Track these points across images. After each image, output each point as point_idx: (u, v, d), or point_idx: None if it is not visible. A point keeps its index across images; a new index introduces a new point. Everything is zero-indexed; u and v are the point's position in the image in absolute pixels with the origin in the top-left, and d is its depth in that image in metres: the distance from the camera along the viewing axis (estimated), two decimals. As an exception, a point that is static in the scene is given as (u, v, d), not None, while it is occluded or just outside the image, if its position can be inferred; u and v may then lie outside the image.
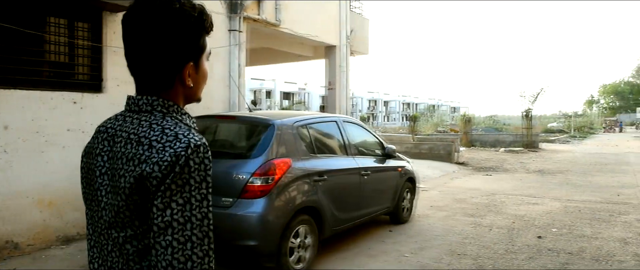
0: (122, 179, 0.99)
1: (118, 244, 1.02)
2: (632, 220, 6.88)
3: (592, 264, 4.86)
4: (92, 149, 1.11)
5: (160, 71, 1.07)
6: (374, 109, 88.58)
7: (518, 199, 8.64)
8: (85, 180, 1.13)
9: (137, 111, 1.07)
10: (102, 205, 1.04)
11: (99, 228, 1.07)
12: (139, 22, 1.04)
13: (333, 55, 10.28)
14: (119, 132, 1.06)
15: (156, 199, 0.94)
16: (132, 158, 0.99)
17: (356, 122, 6.24)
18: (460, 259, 5.05)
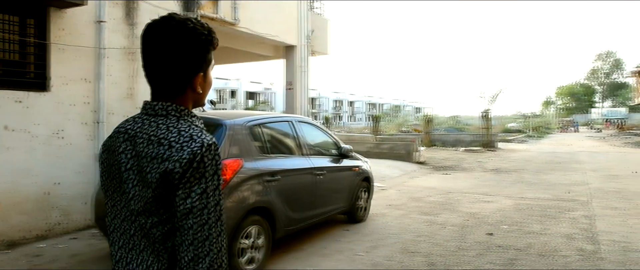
0: (148, 175, 1.16)
1: (145, 229, 1.19)
2: (579, 216, 7.15)
3: (537, 259, 5.01)
4: (113, 147, 1.27)
5: (175, 80, 1.23)
6: (339, 109, 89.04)
7: (473, 197, 8.85)
8: (105, 174, 1.29)
9: (153, 115, 1.24)
10: (131, 196, 1.20)
11: (122, 215, 1.24)
12: (158, 39, 1.21)
13: (292, 55, 10.27)
14: (139, 133, 1.22)
15: (178, 189, 1.14)
16: (155, 157, 1.16)
17: (311, 122, 6.24)
18: (413, 256, 5.12)
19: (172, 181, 1.14)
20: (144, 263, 1.21)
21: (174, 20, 1.21)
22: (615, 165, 14.98)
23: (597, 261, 4.93)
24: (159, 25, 1.21)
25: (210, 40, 1.25)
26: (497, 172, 13.08)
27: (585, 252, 5.23)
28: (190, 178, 1.13)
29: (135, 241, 1.23)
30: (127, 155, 1.23)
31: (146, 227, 1.19)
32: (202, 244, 1.14)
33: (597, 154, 20.60)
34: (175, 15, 1.24)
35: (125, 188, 1.22)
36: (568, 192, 9.42)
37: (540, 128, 49.92)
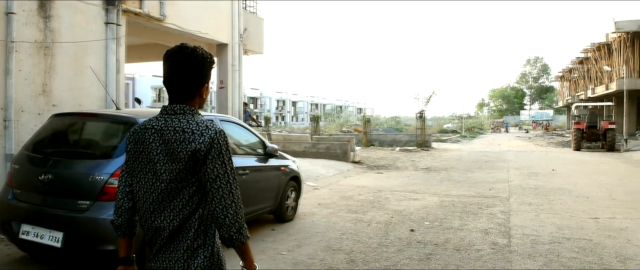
0: (180, 154, 1.69)
1: (177, 191, 1.72)
2: (497, 212, 7.52)
3: (453, 253, 5.22)
4: (141, 139, 1.78)
5: (189, 90, 1.78)
6: (282, 109, 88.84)
7: (401, 195, 9.10)
8: (133, 158, 1.81)
9: (173, 114, 1.76)
10: (162, 171, 1.72)
11: (150, 185, 1.76)
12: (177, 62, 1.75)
13: (225, 54, 10.10)
14: (165, 127, 1.73)
15: (206, 163, 1.69)
16: (183, 141, 1.69)
17: (236, 121, 6.15)
18: (335, 254, 5.17)
19: (198, 157, 1.69)
20: (167, 218, 1.75)
21: (188, 49, 1.77)
22: (536, 164, 15.91)
23: (507, 254, 5.20)
24: (177, 53, 1.77)
25: (212, 63, 1.85)
26: (427, 171, 13.53)
27: (498, 246, 5.51)
28: (213, 154, 1.69)
29: (159, 202, 1.75)
30: (156, 143, 1.74)
31: (177, 189, 1.72)
32: (228, 197, 1.72)
33: (522, 153, 21.82)
34: (186, 45, 1.79)
35: (157, 167, 1.73)
36: (490, 189, 9.90)
37: (474, 129, 52.28)
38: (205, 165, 1.69)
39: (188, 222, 1.75)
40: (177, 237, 1.76)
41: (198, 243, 1.77)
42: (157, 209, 1.77)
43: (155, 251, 1.81)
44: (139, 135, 1.80)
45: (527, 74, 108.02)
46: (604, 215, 7.30)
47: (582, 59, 43.02)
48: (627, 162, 17.23)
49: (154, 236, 1.81)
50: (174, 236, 1.76)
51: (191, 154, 1.68)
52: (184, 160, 1.69)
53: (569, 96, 52.69)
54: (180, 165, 1.70)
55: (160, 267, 1.79)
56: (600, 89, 35.57)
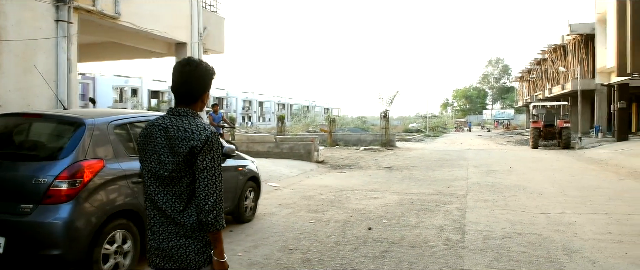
0: (180, 148, 2.00)
1: (179, 182, 2.03)
2: (453, 209, 7.69)
3: (407, 250, 5.30)
4: (150, 132, 2.10)
5: (193, 96, 2.10)
6: (248, 109, 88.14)
7: (362, 194, 9.17)
8: (143, 150, 2.13)
9: (177, 115, 2.08)
10: (166, 162, 2.03)
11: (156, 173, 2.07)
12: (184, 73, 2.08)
13: (184, 53, 9.95)
14: (170, 126, 2.05)
15: (198, 157, 1.98)
16: (184, 138, 2.00)
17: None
18: (291, 254, 5.17)
19: (195, 152, 2.00)
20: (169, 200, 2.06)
21: (195, 62, 2.12)
22: (495, 162, 16.35)
23: (459, 250, 5.32)
24: (185, 65, 2.10)
25: (213, 74, 2.17)
26: (389, 170, 13.69)
27: (451, 242, 5.63)
28: (205, 150, 2.00)
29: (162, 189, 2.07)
30: (161, 139, 2.07)
31: (178, 177, 2.04)
32: (211, 186, 1.99)
33: (482, 151, 22.37)
34: (193, 58, 2.15)
35: (162, 158, 2.06)
36: (449, 187, 10.10)
37: (438, 128, 53.25)
38: (201, 161, 2.02)
39: (187, 208, 2.07)
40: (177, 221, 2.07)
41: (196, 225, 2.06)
42: (160, 192, 2.10)
43: (157, 233, 2.11)
44: (148, 130, 2.16)
45: (488, 74, 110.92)
46: (555, 210, 7.56)
47: (539, 60, 44.52)
48: (580, 159, 17.92)
49: (155, 217, 2.13)
50: (173, 220, 2.07)
51: (190, 149, 2.02)
52: (183, 154, 2.03)
53: (528, 96, 54.40)
54: (180, 158, 2.03)
55: (165, 247, 2.09)
56: (556, 89, 36.88)
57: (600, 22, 26.12)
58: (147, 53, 11.51)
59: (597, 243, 5.58)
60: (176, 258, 2.06)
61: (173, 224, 2.06)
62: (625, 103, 24.95)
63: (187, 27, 9.89)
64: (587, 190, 9.76)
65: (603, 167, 14.89)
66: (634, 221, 6.73)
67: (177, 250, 2.05)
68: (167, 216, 2.07)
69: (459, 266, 4.75)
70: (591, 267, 4.73)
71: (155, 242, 2.10)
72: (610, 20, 22.39)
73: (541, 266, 4.74)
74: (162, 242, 2.08)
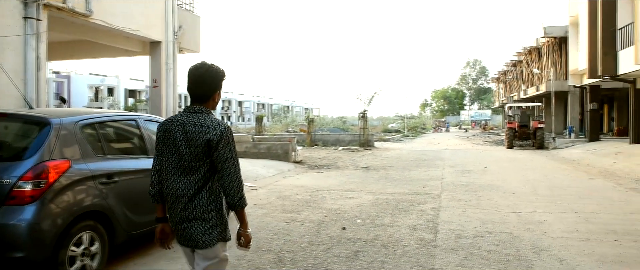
0: (197, 141, 2.37)
1: (197, 170, 2.42)
2: (428, 208, 7.76)
3: (380, 249, 5.33)
4: (169, 127, 2.48)
5: (206, 95, 2.47)
6: (228, 109, 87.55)
7: (338, 194, 9.19)
8: (162, 143, 2.53)
9: (193, 112, 2.46)
10: (183, 153, 2.42)
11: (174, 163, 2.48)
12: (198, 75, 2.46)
13: (158, 52, 9.83)
14: (187, 122, 2.43)
15: (218, 149, 2.38)
16: (200, 132, 2.37)
17: (161, 120, 5.98)
18: (263, 254, 5.15)
19: (211, 145, 2.38)
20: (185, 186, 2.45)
21: (207, 65, 2.49)
22: (470, 162, 16.57)
23: (431, 249, 5.37)
24: (199, 68, 2.49)
25: (223, 75, 2.55)
26: (366, 170, 13.76)
27: (423, 241, 5.68)
28: (222, 142, 2.39)
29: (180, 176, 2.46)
30: (179, 133, 2.44)
31: (196, 166, 2.41)
32: (234, 174, 2.45)
33: (458, 151, 22.66)
34: (206, 62, 2.49)
35: (180, 150, 2.42)
36: (424, 187, 10.20)
37: (416, 128, 53.71)
38: (217, 151, 2.41)
39: (201, 192, 2.46)
40: (193, 204, 2.48)
41: (210, 207, 2.49)
42: (179, 181, 2.49)
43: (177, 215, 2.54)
44: (167, 126, 2.53)
45: (466, 75, 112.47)
46: (526, 209, 7.70)
47: (515, 61, 45.32)
48: (553, 159, 18.30)
49: (175, 202, 2.53)
50: (189, 203, 2.48)
51: (206, 142, 2.40)
52: (201, 146, 2.40)
53: (504, 97, 55.33)
54: (197, 150, 2.41)
55: (183, 227, 2.52)
56: (531, 90, 37.60)
57: (573, 25, 26.74)
58: (121, 51, 11.32)
59: (565, 241, 5.70)
60: (188, 237, 2.53)
61: (183, 209, 2.50)
62: (596, 104, 25.57)
63: (161, 25, 9.76)
64: (558, 189, 9.96)
65: (575, 167, 15.24)
66: (602, 220, 6.89)
67: (187, 231, 2.51)
68: (181, 201, 2.50)
69: (430, 265, 4.80)
70: (558, 265, 4.83)
71: (173, 223, 2.61)
72: (582, 23, 22.94)
73: (510, 264, 4.82)
74: (177, 224, 2.57)
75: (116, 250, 4.75)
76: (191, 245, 2.54)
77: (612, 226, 6.44)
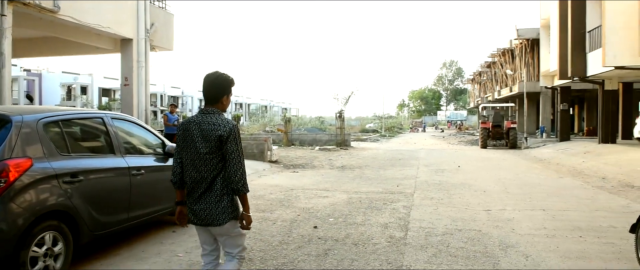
0: (211, 137, 2.88)
1: (211, 161, 2.91)
2: (400, 207, 7.83)
3: (350, 248, 5.35)
4: (188, 127, 2.98)
5: (216, 98, 2.99)
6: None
7: (312, 193, 9.20)
8: (182, 139, 3.01)
9: (207, 113, 2.96)
10: (199, 147, 2.91)
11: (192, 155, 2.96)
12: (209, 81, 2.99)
13: (130, 49, 9.66)
14: (202, 121, 2.93)
15: (226, 143, 2.89)
16: (213, 129, 2.89)
17: (131, 119, 5.88)
18: (233, 254, 5.11)
19: (222, 140, 2.87)
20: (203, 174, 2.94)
21: (217, 73, 3.02)
22: (444, 161, 16.79)
23: (401, 246, 5.42)
24: (210, 75, 3.02)
25: (232, 82, 3.06)
26: (342, 169, 13.80)
27: (394, 239, 5.73)
28: (230, 138, 2.88)
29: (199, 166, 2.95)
30: (196, 131, 2.93)
31: (210, 158, 2.90)
32: (237, 164, 2.91)
33: (434, 151, 22.92)
34: (217, 71, 3.03)
35: (197, 145, 2.92)
36: (398, 186, 10.28)
37: (394, 128, 54.17)
38: (226, 145, 2.92)
39: (216, 179, 2.97)
40: (210, 190, 2.97)
41: (223, 192, 2.97)
42: (197, 170, 2.99)
43: (196, 197, 3.02)
44: (186, 125, 3.05)
45: (443, 76, 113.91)
46: (496, 207, 7.83)
47: (489, 63, 46.07)
48: (525, 158, 18.67)
49: (194, 187, 3.03)
50: (208, 189, 2.98)
51: (218, 137, 2.92)
52: (214, 140, 2.92)
53: (479, 98, 56.20)
54: (211, 144, 2.93)
55: (201, 208, 2.99)
56: (505, 91, 38.29)
57: (545, 27, 27.33)
58: (92, 49, 11.08)
59: (532, 238, 5.82)
60: (204, 218, 2.99)
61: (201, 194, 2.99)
62: (567, 105, 26.20)
63: (133, 23, 9.60)
64: (528, 187, 10.17)
65: (545, 166, 15.58)
66: (568, 217, 7.06)
67: (203, 212, 2.98)
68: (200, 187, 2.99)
69: (399, 262, 4.84)
70: (524, 261, 4.92)
71: (190, 204, 3.05)
72: (553, 25, 23.48)
73: (477, 261, 4.89)
74: (194, 204, 3.03)
75: (82, 250, 4.66)
76: (206, 224, 3.01)
77: (577, 223, 6.61)
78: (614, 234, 6.02)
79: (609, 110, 20.92)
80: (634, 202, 8.36)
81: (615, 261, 4.90)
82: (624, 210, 7.64)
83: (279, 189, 9.72)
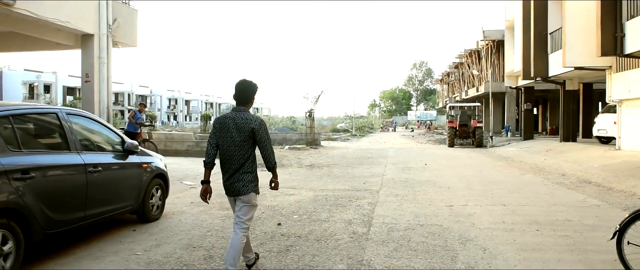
0: (245, 129, 3.95)
1: (244, 147, 3.98)
2: (365, 203, 7.89)
3: (312, 244, 5.36)
4: (224, 121, 4.03)
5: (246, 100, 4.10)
6: (174, 107, 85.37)
7: (278, 191, 9.15)
8: (219, 131, 4.05)
9: (239, 111, 4.03)
10: (235, 137, 3.97)
11: (229, 143, 4.00)
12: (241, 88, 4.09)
13: (91, 45, 9.40)
14: (236, 117, 3.99)
15: (259, 134, 4.00)
16: (246, 123, 3.96)
17: (88, 115, 5.74)
18: (194, 251, 5.05)
19: (254, 131, 3.93)
20: (237, 157, 3.99)
21: (247, 82, 4.10)
22: (412, 159, 17.01)
23: (363, 241, 5.46)
24: (240, 83, 4.08)
25: (257, 87, 4.16)
26: (310, 168, 13.81)
27: (356, 235, 5.77)
28: (261, 130, 3.96)
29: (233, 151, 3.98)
30: (231, 125, 3.95)
31: (243, 145, 3.95)
32: (269, 149, 4.09)
33: (402, 150, 23.19)
34: (246, 79, 4.12)
35: (232, 135, 3.94)
36: (364, 183, 10.36)
37: (364, 128, 54.53)
38: (258, 135, 3.95)
39: (247, 161, 4.00)
40: (240, 168, 4.00)
41: (249, 170, 4.04)
42: (232, 154, 3.98)
43: (228, 176, 4.04)
44: (222, 120, 4.02)
45: (413, 77, 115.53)
46: (458, 203, 7.98)
47: (457, 63, 46.92)
48: (490, 156, 19.10)
49: (228, 167, 4.04)
50: (239, 168, 3.99)
51: (251, 129, 3.89)
52: (247, 132, 3.89)
53: (447, 98, 57.17)
54: (245, 134, 3.90)
55: (231, 182, 4.04)
56: (472, 91, 39.07)
57: (509, 29, 28.03)
58: (52, 45, 10.75)
59: (490, 232, 5.95)
60: (234, 189, 4.05)
61: (234, 171, 4.03)
62: (531, 105, 26.93)
63: (94, 18, 9.35)
64: (491, 184, 10.40)
65: (509, 163, 15.98)
66: (527, 211, 7.26)
67: (234, 185, 4.04)
68: (233, 166, 4.03)
69: (360, 257, 4.87)
70: (481, 254, 5.03)
71: (225, 180, 4.10)
72: (517, 27, 24.09)
73: (436, 254, 4.97)
74: (227, 180, 4.07)
75: (36, 249, 4.52)
76: (235, 194, 4.07)
77: (535, 217, 6.80)
78: (569, 227, 6.22)
79: (569, 109, 21.60)
80: (590, 197, 8.66)
81: (568, 253, 5.06)
82: (580, 204, 7.91)
83: (245, 187, 9.65)
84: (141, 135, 12.55)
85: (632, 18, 13.50)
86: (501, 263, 4.70)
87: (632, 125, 15.50)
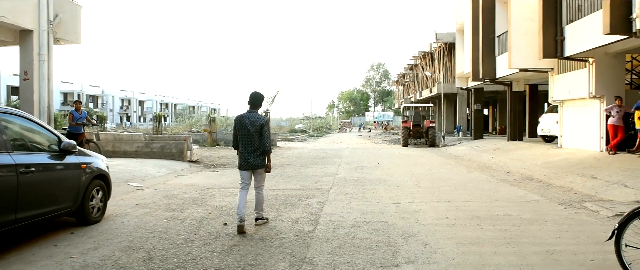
0: (257, 124, 6.12)
1: (256, 137, 6.11)
2: (314, 202, 7.92)
3: (257, 243, 5.33)
4: (242, 119, 6.14)
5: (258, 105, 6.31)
6: (127, 108, 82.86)
7: (228, 191, 9.08)
8: (239, 124, 6.17)
9: (252, 112, 6.19)
10: (252, 131, 6.08)
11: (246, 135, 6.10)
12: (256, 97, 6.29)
13: (30, 41, 8.97)
14: (250, 116, 6.14)
15: (263, 128, 6.17)
16: (258, 121, 6.14)
17: (21, 114, 5.49)
18: (133, 253, 4.92)
19: (263, 126, 6.12)
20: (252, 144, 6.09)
21: (259, 92, 6.32)
22: (366, 159, 17.23)
23: (308, 239, 5.49)
24: (256, 93, 6.28)
25: (264, 96, 6.56)
26: (264, 168, 13.72)
27: (302, 233, 5.79)
28: (265, 125, 6.16)
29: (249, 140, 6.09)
30: (247, 122, 6.07)
31: (255, 136, 6.07)
32: (268, 138, 6.18)
33: (358, 149, 23.45)
34: (258, 91, 6.33)
35: (249, 130, 6.05)
36: (316, 182, 10.41)
37: (322, 128, 54.82)
38: (264, 129, 6.06)
39: (259, 147, 6.04)
40: (254, 151, 6.04)
41: (260, 152, 6.08)
42: (248, 143, 6.04)
43: (248, 154, 6.05)
44: (241, 118, 6.09)
45: (371, 78, 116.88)
46: (405, 200, 8.15)
47: (412, 65, 47.88)
48: (441, 155, 19.61)
49: (247, 150, 6.04)
50: (253, 150, 6.04)
51: (261, 125, 6.04)
52: (259, 127, 6.02)
53: (403, 99, 58.26)
54: (257, 128, 6.01)
55: (251, 159, 6.06)
56: (425, 92, 39.97)
57: (460, 31, 28.85)
58: (-13, 41, 10.21)
59: (433, 227, 6.11)
60: (252, 164, 6.05)
61: (250, 153, 6.02)
62: (480, 105, 27.82)
63: (33, 13, 8.93)
64: (438, 181, 10.68)
65: (458, 161, 16.45)
66: (470, 207, 7.50)
67: (252, 162, 6.04)
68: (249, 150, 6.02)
69: (303, 254, 4.89)
70: (422, 248, 5.15)
71: (246, 158, 6.05)
72: (467, 30, 24.84)
73: (379, 250, 5.05)
74: (246, 158, 6.04)
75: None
76: (253, 168, 6.08)
77: (477, 213, 7.03)
78: (508, 221, 6.48)
79: (516, 110, 22.46)
80: (530, 193, 9.04)
81: (504, 246, 5.26)
82: (521, 200, 8.25)
83: (195, 188, 9.50)
84: (84, 135, 12.03)
85: (571, 22, 14.18)
86: (440, 257, 4.83)
87: (572, 125, 16.29)
